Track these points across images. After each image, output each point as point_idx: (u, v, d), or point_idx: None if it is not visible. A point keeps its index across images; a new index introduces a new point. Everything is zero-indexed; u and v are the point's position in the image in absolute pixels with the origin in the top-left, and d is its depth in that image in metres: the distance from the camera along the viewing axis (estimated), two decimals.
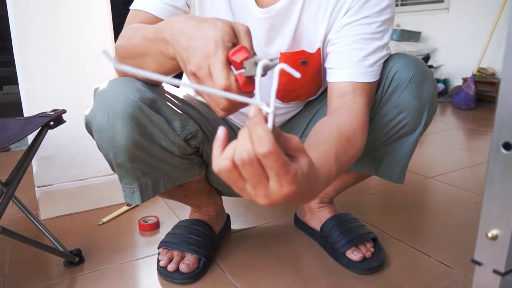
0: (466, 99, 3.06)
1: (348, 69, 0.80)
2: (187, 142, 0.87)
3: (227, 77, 0.53)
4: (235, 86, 0.54)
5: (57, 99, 1.28)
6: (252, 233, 1.21)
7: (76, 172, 1.37)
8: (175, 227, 1.10)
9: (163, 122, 0.82)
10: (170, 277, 0.97)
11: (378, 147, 0.95)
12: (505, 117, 0.39)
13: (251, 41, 0.57)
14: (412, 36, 3.64)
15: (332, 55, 0.84)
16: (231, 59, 0.54)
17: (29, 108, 1.27)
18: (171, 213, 1.36)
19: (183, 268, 0.97)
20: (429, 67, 3.51)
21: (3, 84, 3.52)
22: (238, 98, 0.44)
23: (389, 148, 0.95)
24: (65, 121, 1.01)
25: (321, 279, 0.98)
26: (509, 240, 0.40)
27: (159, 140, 0.82)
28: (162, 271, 0.99)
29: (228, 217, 1.22)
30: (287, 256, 1.08)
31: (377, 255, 1.02)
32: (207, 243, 1.04)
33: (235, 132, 1.04)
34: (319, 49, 0.87)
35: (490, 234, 0.41)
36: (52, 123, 0.98)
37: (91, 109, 0.80)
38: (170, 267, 0.98)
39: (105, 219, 1.31)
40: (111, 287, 0.97)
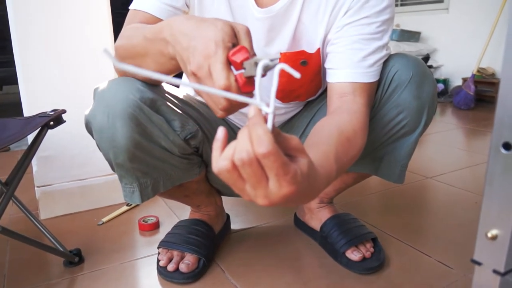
0: (465, 99, 3.06)
1: (348, 69, 0.80)
2: (187, 142, 0.87)
3: (227, 77, 0.53)
4: (235, 86, 0.54)
5: (57, 99, 1.28)
6: (252, 233, 1.21)
7: (76, 172, 1.37)
8: (175, 227, 1.10)
9: (163, 122, 0.82)
10: (170, 277, 0.97)
11: (378, 147, 0.95)
12: (505, 117, 0.39)
13: (251, 41, 0.58)
14: (411, 36, 3.64)
15: (332, 55, 0.84)
16: (231, 59, 0.54)
17: (29, 108, 1.27)
18: (171, 213, 1.36)
19: (183, 268, 0.97)
20: (429, 67, 3.52)
21: (3, 84, 3.52)
22: (238, 98, 0.44)
23: (389, 148, 0.95)
24: (65, 121, 1.01)
25: (321, 279, 0.98)
26: (509, 240, 0.40)
27: (159, 140, 0.82)
28: (162, 271, 0.99)
29: (228, 217, 1.22)
30: (287, 256, 1.08)
31: (377, 255, 1.02)
32: (207, 243, 1.04)
33: (235, 132, 1.04)
34: (318, 49, 0.87)
35: (489, 234, 0.41)
36: (52, 123, 0.98)
37: (91, 109, 0.80)
38: (170, 267, 0.98)
39: (105, 219, 1.31)
40: (111, 287, 0.97)
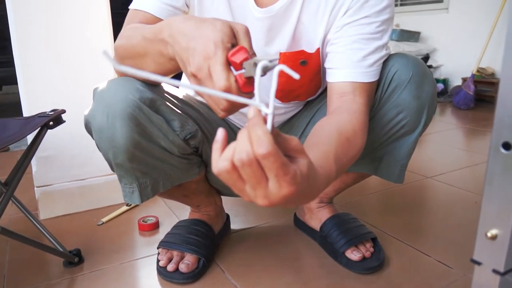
0: (465, 99, 3.06)
1: (348, 69, 0.80)
2: (187, 142, 0.87)
3: (227, 78, 0.53)
4: (235, 86, 0.54)
5: (57, 99, 1.28)
6: (251, 233, 1.21)
7: (75, 172, 1.37)
8: (175, 227, 1.10)
9: (162, 122, 0.82)
10: (170, 277, 0.97)
11: (377, 147, 0.95)
12: (505, 117, 0.39)
13: (250, 41, 0.58)
14: (411, 36, 3.64)
15: (331, 55, 0.84)
16: (231, 60, 0.54)
17: (29, 108, 1.27)
18: (171, 213, 1.36)
19: (183, 268, 0.97)
20: (429, 67, 3.52)
21: (3, 84, 3.52)
22: (237, 99, 0.44)
23: (389, 148, 0.95)
24: (64, 121, 1.01)
25: (321, 279, 0.98)
26: (509, 240, 0.40)
27: (158, 140, 0.82)
28: (162, 271, 0.99)
29: (228, 217, 1.22)
30: (287, 256, 1.08)
31: (377, 255, 1.02)
32: (206, 243, 1.04)
33: (235, 133, 1.04)
34: (318, 49, 0.87)
35: (489, 234, 0.41)
36: (51, 123, 0.98)
37: (90, 109, 0.80)
38: (170, 267, 0.98)
39: (105, 219, 1.31)
40: (111, 287, 0.97)
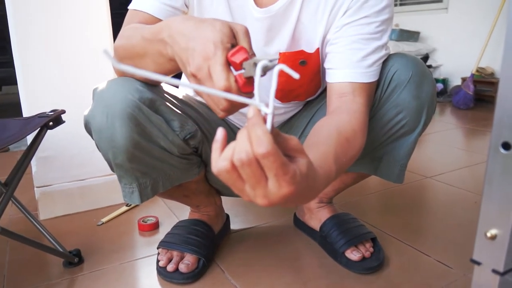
0: (465, 99, 3.06)
1: (347, 69, 0.80)
2: (186, 142, 0.87)
3: (227, 78, 0.53)
4: (235, 87, 0.54)
5: (57, 99, 1.28)
6: (251, 233, 1.21)
7: (75, 173, 1.37)
8: (175, 227, 1.10)
9: (162, 122, 0.82)
10: (170, 277, 0.97)
11: (377, 147, 0.95)
12: (504, 117, 0.39)
13: (249, 41, 0.58)
14: (411, 36, 3.64)
15: (331, 55, 0.84)
16: (231, 60, 0.54)
17: (28, 108, 1.27)
18: (171, 213, 1.36)
19: (183, 268, 0.97)
20: (428, 67, 3.52)
21: (3, 84, 3.52)
22: (237, 98, 0.44)
23: (388, 148, 0.95)
24: (64, 122, 1.01)
25: (321, 279, 0.98)
26: (508, 240, 0.40)
27: (158, 140, 0.82)
28: (162, 271, 0.99)
29: (228, 217, 1.22)
30: (287, 256, 1.08)
31: (376, 255, 1.02)
32: (206, 243, 1.04)
33: (234, 133, 1.04)
34: (318, 49, 0.87)
35: (489, 234, 0.41)
36: (51, 123, 0.98)
37: (90, 110, 0.80)
38: (170, 267, 0.98)
39: (105, 220, 1.31)
40: (111, 287, 0.97)
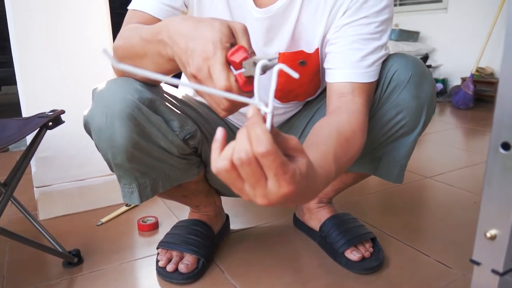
0: (464, 99, 3.06)
1: (347, 70, 0.80)
2: (186, 142, 0.87)
3: (227, 78, 0.53)
4: (236, 86, 0.54)
5: (56, 99, 1.27)
6: (251, 233, 1.21)
7: (75, 173, 1.37)
8: (174, 227, 1.10)
9: (161, 122, 0.81)
10: (169, 277, 0.97)
11: (377, 147, 0.95)
12: (504, 117, 0.39)
13: (249, 40, 0.58)
14: (410, 36, 3.64)
15: (330, 55, 0.84)
16: (230, 59, 0.54)
17: (28, 108, 1.27)
18: (170, 213, 1.36)
19: (182, 268, 0.97)
20: (428, 67, 3.51)
21: (2, 84, 3.52)
22: (237, 98, 0.44)
23: (388, 148, 0.95)
24: (63, 122, 1.01)
25: (320, 279, 0.98)
26: (508, 240, 0.40)
27: (157, 140, 0.82)
28: (161, 272, 0.99)
29: (227, 217, 1.22)
30: (286, 256, 1.08)
31: (376, 255, 1.02)
32: (206, 243, 1.04)
33: (234, 132, 1.04)
34: (317, 49, 0.87)
35: (488, 234, 0.41)
36: (50, 123, 0.98)
37: (89, 110, 0.80)
38: (169, 268, 0.98)
39: (104, 220, 1.31)
40: (110, 287, 0.97)
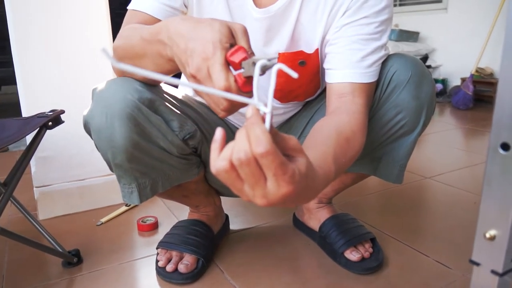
0: (464, 99, 3.06)
1: (347, 70, 0.80)
2: (186, 142, 0.87)
3: (226, 78, 0.53)
4: (235, 86, 0.54)
5: (56, 99, 1.28)
6: (251, 234, 1.21)
7: (74, 173, 1.37)
8: (174, 228, 1.10)
9: (161, 122, 0.82)
10: (169, 277, 0.97)
11: (376, 147, 0.95)
12: (503, 117, 0.39)
13: (248, 40, 0.58)
14: (410, 36, 3.64)
15: (330, 55, 0.84)
16: (230, 59, 0.54)
17: (28, 108, 1.27)
18: (170, 213, 1.36)
19: (182, 268, 0.97)
20: (428, 67, 3.52)
21: (2, 84, 3.52)
22: (236, 98, 0.44)
23: (388, 148, 0.95)
24: (63, 122, 1.01)
25: (320, 279, 0.98)
26: (507, 241, 0.40)
27: (157, 140, 0.82)
28: (161, 272, 0.99)
29: (227, 217, 1.22)
30: (286, 256, 1.08)
31: (376, 255, 1.02)
32: (205, 244, 1.04)
33: (233, 133, 1.04)
34: (317, 50, 0.87)
35: (488, 235, 0.41)
36: (50, 123, 0.98)
37: (89, 110, 0.80)
38: (169, 268, 0.98)
39: (104, 220, 1.31)
40: (110, 287, 0.97)
